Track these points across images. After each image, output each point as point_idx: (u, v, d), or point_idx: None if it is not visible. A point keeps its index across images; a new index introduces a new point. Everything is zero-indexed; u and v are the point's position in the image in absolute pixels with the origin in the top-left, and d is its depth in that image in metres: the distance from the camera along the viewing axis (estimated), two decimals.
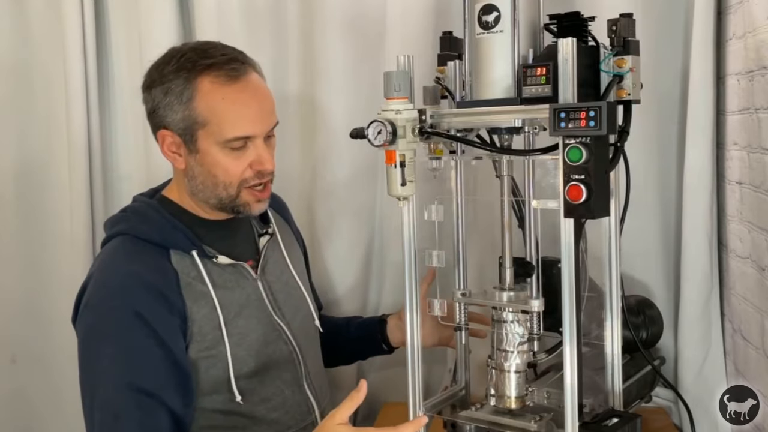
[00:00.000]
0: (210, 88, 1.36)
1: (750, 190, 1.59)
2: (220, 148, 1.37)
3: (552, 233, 1.28)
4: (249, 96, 1.39)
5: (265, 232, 1.56)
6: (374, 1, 1.96)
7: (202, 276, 1.39)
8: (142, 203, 1.47)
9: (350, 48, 2.00)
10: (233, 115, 1.36)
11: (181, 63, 1.37)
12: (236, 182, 1.40)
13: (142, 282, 1.33)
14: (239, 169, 1.39)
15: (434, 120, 1.38)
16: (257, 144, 1.40)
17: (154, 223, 1.41)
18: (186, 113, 1.36)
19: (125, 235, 1.41)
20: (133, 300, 1.31)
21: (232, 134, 1.36)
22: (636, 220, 1.71)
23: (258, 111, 1.40)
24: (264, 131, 1.41)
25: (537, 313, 1.38)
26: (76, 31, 2.00)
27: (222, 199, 1.42)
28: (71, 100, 2.01)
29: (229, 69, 1.37)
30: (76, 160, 2.02)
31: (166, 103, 1.37)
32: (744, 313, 1.66)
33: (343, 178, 2.03)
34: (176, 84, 1.36)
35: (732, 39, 1.70)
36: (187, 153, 1.40)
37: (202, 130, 1.37)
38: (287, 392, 1.47)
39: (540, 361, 1.51)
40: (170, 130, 1.39)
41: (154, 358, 1.30)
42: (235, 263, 1.45)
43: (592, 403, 1.46)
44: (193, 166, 1.40)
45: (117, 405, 1.27)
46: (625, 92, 1.31)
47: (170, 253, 1.39)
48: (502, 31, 1.32)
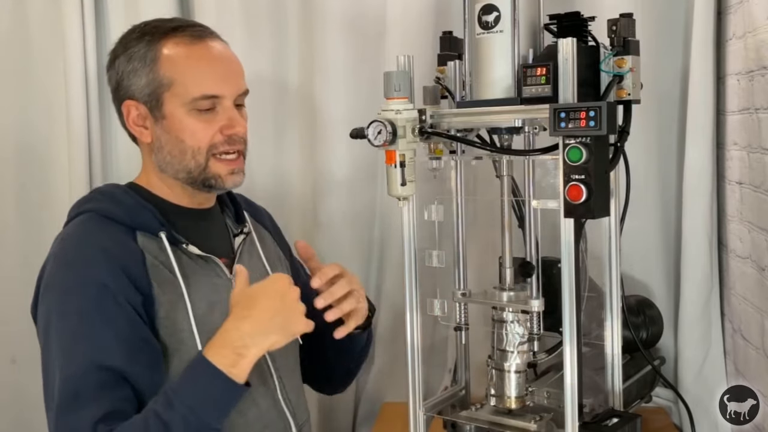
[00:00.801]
0: (174, 48, 1.31)
1: (750, 190, 1.59)
2: (187, 110, 1.30)
3: (552, 233, 1.28)
4: (215, 55, 1.33)
5: (240, 232, 1.45)
6: (374, 1, 1.96)
7: (170, 261, 1.28)
8: (107, 186, 1.41)
9: (350, 48, 2.00)
10: (199, 72, 1.31)
11: (144, 29, 1.33)
12: (205, 147, 1.31)
13: (106, 253, 1.24)
14: (208, 132, 1.31)
15: (434, 120, 1.38)
16: (226, 106, 1.32)
17: (121, 202, 1.32)
18: (151, 76, 1.30)
19: (89, 213, 1.32)
20: (97, 272, 1.22)
21: (199, 92, 1.29)
22: (636, 220, 1.71)
23: (225, 71, 1.33)
24: (232, 92, 1.33)
25: (537, 313, 1.38)
26: (76, 31, 2.00)
27: (191, 171, 1.32)
28: (71, 100, 2.01)
29: (192, 30, 1.33)
30: (76, 160, 2.02)
31: (130, 70, 1.31)
32: (744, 313, 1.66)
33: (343, 178, 2.03)
34: (139, 48, 1.31)
35: (732, 39, 1.70)
36: (153, 123, 1.32)
37: (167, 92, 1.30)
38: (263, 406, 1.35)
39: (540, 361, 1.51)
40: (135, 100, 1.32)
41: (122, 333, 1.21)
42: (206, 256, 1.34)
43: (592, 403, 1.46)
44: (159, 135, 1.32)
45: (79, 383, 1.17)
46: (625, 92, 1.31)
47: (137, 234, 1.29)
48: (502, 31, 1.32)
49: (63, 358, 1.21)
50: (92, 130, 2.04)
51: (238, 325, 1.19)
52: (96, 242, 1.26)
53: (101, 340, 1.20)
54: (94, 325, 1.21)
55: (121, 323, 1.21)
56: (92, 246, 1.26)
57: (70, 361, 1.20)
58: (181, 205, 1.38)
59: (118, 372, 1.19)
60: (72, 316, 1.22)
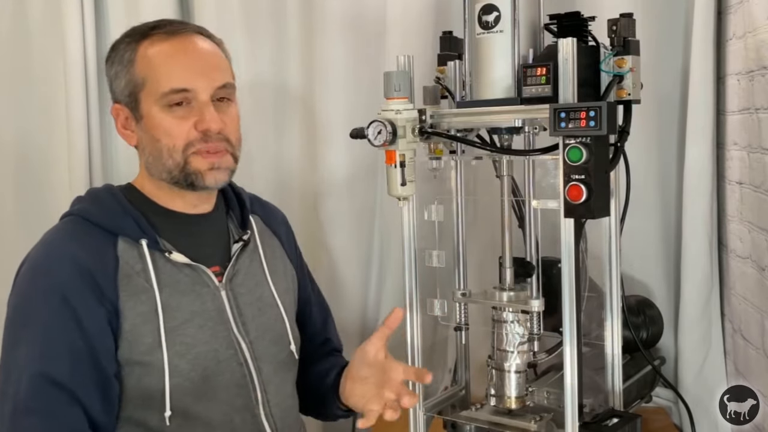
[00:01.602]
0: (149, 47, 1.29)
1: (750, 190, 1.59)
2: (160, 107, 1.26)
3: (552, 233, 1.28)
4: (188, 49, 1.30)
5: (240, 239, 1.39)
6: (374, 1, 1.96)
7: (147, 271, 1.24)
8: (102, 188, 1.37)
9: (350, 48, 2.00)
10: (168, 67, 1.27)
11: (128, 32, 1.32)
12: (180, 146, 1.26)
13: (75, 264, 1.21)
14: (183, 129, 1.26)
15: (434, 120, 1.38)
16: (201, 101, 1.27)
17: (105, 206, 1.29)
18: (128, 77, 1.29)
19: (73, 216, 1.30)
20: (60, 282, 1.20)
21: (168, 86, 1.25)
22: (636, 220, 1.71)
23: (197, 64, 1.29)
24: (206, 87, 1.27)
25: (537, 313, 1.39)
26: (76, 31, 2.00)
27: (171, 170, 1.28)
28: (71, 101, 2.01)
29: (170, 28, 1.31)
30: (76, 160, 2.02)
31: (114, 73, 1.31)
32: (744, 313, 1.66)
33: (343, 178, 2.03)
34: (121, 51, 1.30)
35: (732, 39, 1.70)
36: (135, 124, 1.30)
37: (143, 92, 1.28)
38: (237, 420, 1.29)
39: (540, 361, 1.51)
40: (120, 103, 1.31)
41: (75, 351, 1.18)
42: (193, 264, 1.29)
43: (592, 403, 1.46)
44: (141, 137, 1.31)
45: (27, 395, 1.16)
46: (625, 92, 1.31)
47: (118, 240, 1.25)
48: (502, 31, 1.32)
49: (12, 366, 1.19)
50: (92, 131, 2.04)
51: None
52: (68, 250, 1.24)
53: (52, 352, 1.18)
54: (47, 336, 1.19)
55: (76, 340, 1.19)
56: (63, 254, 1.23)
57: (21, 371, 1.18)
58: (174, 209, 1.33)
59: (65, 388, 1.17)
60: (29, 322, 1.21)
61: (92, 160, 2.04)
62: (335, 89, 2.01)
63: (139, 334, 1.22)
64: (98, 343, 1.20)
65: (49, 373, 1.17)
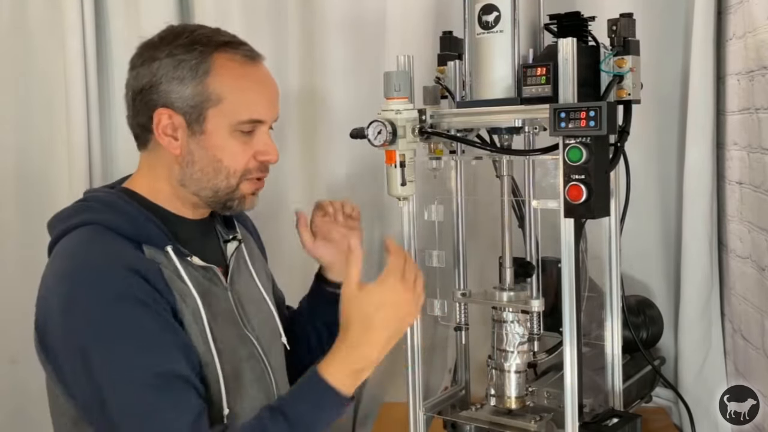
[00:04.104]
0: (228, 64, 1.25)
1: (750, 190, 1.59)
2: (230, 130, 1.26)
3: (552, 233, 1.28)
4: (265, 79, 1.31)
5: (233, 238, 1.40)
6: (374, 1, 1.96)
7: (181, 274, 1.24)
8: (105, 193, 1.30)
9: (350, 48, 2.00)
10: (250, 96, 1.27)
11: (195, 37, 1.26)
12: (240, 171, 1.28)
13: (128, 268, 1.17)
14: (246, 156, 1.28)
15: (434, 120, 1.38)
16: (264, 131, 1.30)
17: (124, 213, 1.24)
18: (199, 89, 1.24)
19: (91, 225, 1.23)
20: (125, 286, 1.16)
21: (248, 115, 1.26)
22: (636, 221, 1.71)
23: (271, 96, 1.32)
24: (273, 119, 1.32)
25: (537, 313, 1.38)
26: (76, 31, 2.00)
27: (219, 191, 1.28)
28: (71, 100, 2.01)
29: (245, 50, 1.28)
30: (76, 160, 2.02)
31: (175, 77, 1.24)
32: (744, 313, 1.66)
33: (343, 178, 2.03)
34: (191, 57, 1.24)
35: (732, 39, 1.70)
36: (188, 135, 1.26)
37: (213, 109, 1.25)
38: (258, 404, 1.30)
39: (540, 361, 1.51)
40: (171, 109, 1.25)
41: (171, 341, 1.17)
42: (207, 266, 1.30)
43: (592, 403, 1.46)
44: (193, 150, 1.26)
45: (150, 399, 1.12)
46: (625, 92, 1.31)
47: (143, 247, 1.23)
48: (502, 31, 1.32)
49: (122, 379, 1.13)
50: (92, 131, 2.04)
51: (361, 349, 1.19)
52: (115, 257, 1.19)
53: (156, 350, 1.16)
54: (145, 338, 1.15)
55: (167, 332, 1.18)
56: (111, 260, 1.18)
57: (132, 379, 1.13)
58: (179, 214, 1.32)
59: (185, 378, 1.16)
60: (113, 336, 1.14)
61: (92, 160, 2.04)
62: (335, 89, 2.02)
63: (194, 335, 1.23)
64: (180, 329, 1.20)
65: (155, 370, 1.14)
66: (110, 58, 2.09)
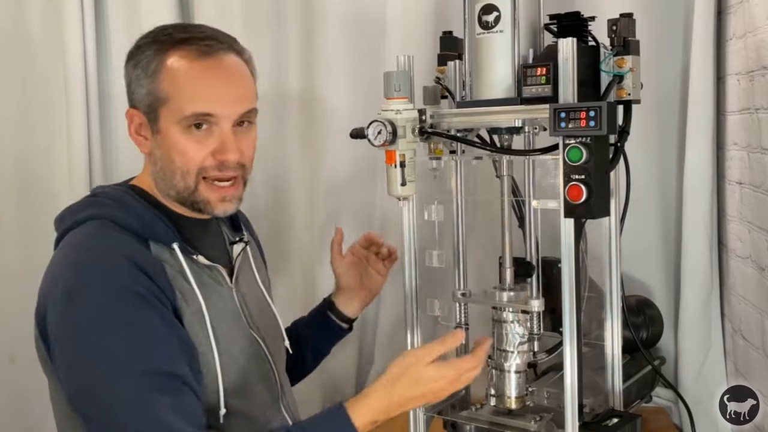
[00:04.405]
0: (177, 62, 1.23)
1: (750, 190, 1.59)
2: (180, 128, 1.23)
3: (552, 233, 1.28)
4: (217, 72, 1.25)
5: (239, 240, 1.41)
6: (374, 1, 1.96)
7: (185, 272, 1.24)
8: (113, 189, 1.32)
9: (350, 48, 2.00)
10: (194, 90, 1.23)
11: (156, 36, 1.26)
12: (194, 170, 1.24)
13: (132, 263, 1.17)
14: (199, 154, 1.24)
15: (434, 120, 1.38)
16: (223, 128, 1.24)
17: (132, 209, 1.25)
18: (150, 87, 1.24)
19: (99, 220, 1.23)
20: (127, 280, 1.16)
21: (191, 109, 1.22)
22: (636, 221, 1.71)
23: (224, 89, 1.26)
24: (231, 113, 1.25)
25: (537, 313, 1.38)
26: (76, 31, 2.00)
27: (180, 191, 1.27)
28: (71, 101, 2.01)
29: (202, 45, 1.24)
30: (76, 161, 2.02)
31: (135, 76, 1.26)
32: (744, 313, 1.66)
33: (343, 178, 2.03)
34: (146, 56, 1.24)
35: (732, 39, 1.70)
36: (151, 135, 1.27)
37: (163, 107, 1.23)
38: (268, 414, 1.34)
39: (540, 361, 1.51)
40: (137, 109, 1.27)
41: (166, 338, 1.17)
42: (212, 265, 1.31)
43: (592, 403, 1.46)
44: (154, 149, 1.27)
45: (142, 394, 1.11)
46: (625, 92, 1.31)
47: (149, 243, 1.24)
48: (502, 31, 1.32)
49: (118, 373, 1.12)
50: (92, 132, 2.04)
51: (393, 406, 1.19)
52: (119, 251, 1.19)
53: (154, 347, 1.15)
54: (143, 334, 1.15)
55: (165, 329, 1.17)
56: (117, 254, 1.19)
57: (128, 374, 1.12)
58: (182, 213, 1.32)
59: (181, 377, 1.15)
60: (112, 329, 1.14)
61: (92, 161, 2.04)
62: (335, 89, 2.02)
63: (194, 333, 1.23)
64: (177, 325, 1.20)
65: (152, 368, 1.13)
66: (110, 59, 2.08)
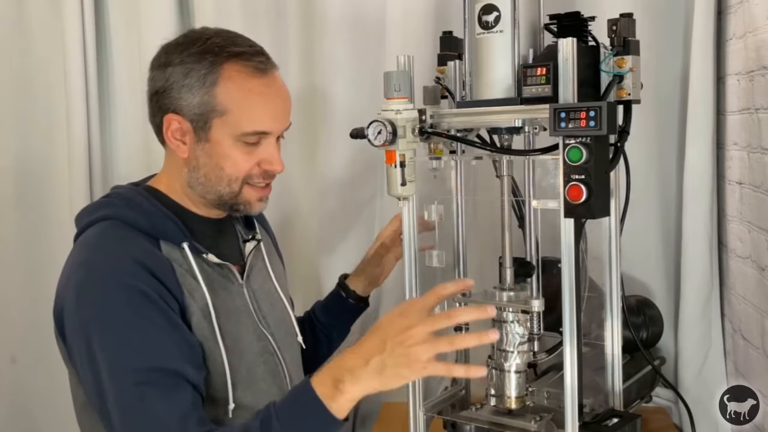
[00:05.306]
0: (236, 76, 1.29)
1: (750, 190, 1.59)
2: (233, 140, 1.30)
3: (552, 233, 1.28)
4: (274, 92, 1.34)
5: (252, 237, 1.47)
6: (374, 1, 1.96)
7: (194, 271, 1.29)
8: (127, 189, 1.37)
9: (350, 48, 2.00)
10: (255, 109, 1.30)
11: (208, 46, 1.29)
12: (241, 178, 1.33)
13: (138, 263, 1.23)
14: (248, 165, 1.32)
15: (434, 120, 1.38)
16: (270, 142, 1.33)
17: (143, 209, 1.30)
18: (205, 98, 1.28)
19: (111, 220, 1.29)
20: (135, 280, 1.21)
21: (251, 128, 1.30)
22: (636, 221, 1.71)
23: (279, 109, 1.35)
24: (280, 130, 1.35)
25: (537, 313, 1.38)
26: (76, 31, 2.00)
27: (222, 195, 1.34)
28: (71, 100, 2.01)
29: (257, 61, 1.31)
30: (76, 160, 2.02)
31: (185, 84, 1.28)
32: (744, 313, 1.66)
33: (344, 178, 2.03)
34: (200, 66, 1.28)
35: (732, 39, 1.70)
36: (195, 141, 1.31)
37: (218, 119, 1.29)
38: None
39: (540, 361, 1.51)
40: (180, 115, 1.30)
41: (171, 336, 1.21)
42: (222, 263, 1.36)
43: (592, 403, 1.46)
44: (198, 156, 1.32)
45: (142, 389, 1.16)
46: (625, 92, 1.31)
47: (160, 243, 1.29)
48: (502, 31, 1.32)
49: (117, 368, 1.18)
50: (92, 134, 2.04)
51: (345, 358, 1.16)
52: (128, 251, 1.24)
53: (153, 344, 1.19)
54: (144, 331, 1.19)
55: (167, 327, 1.21)
56: (125, 255, 1.24)
57: (126, 369, 1.18)
58: (198, 213, 1.39)
59: (179, 373, 1.19)
60: (118, 326, 1.20)
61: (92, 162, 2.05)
62: (335, 89, 2.01)
63: (200, 331, 1.27)
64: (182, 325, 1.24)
65: (156, 362, 1.18)
66: (110, 59, 2.09)
